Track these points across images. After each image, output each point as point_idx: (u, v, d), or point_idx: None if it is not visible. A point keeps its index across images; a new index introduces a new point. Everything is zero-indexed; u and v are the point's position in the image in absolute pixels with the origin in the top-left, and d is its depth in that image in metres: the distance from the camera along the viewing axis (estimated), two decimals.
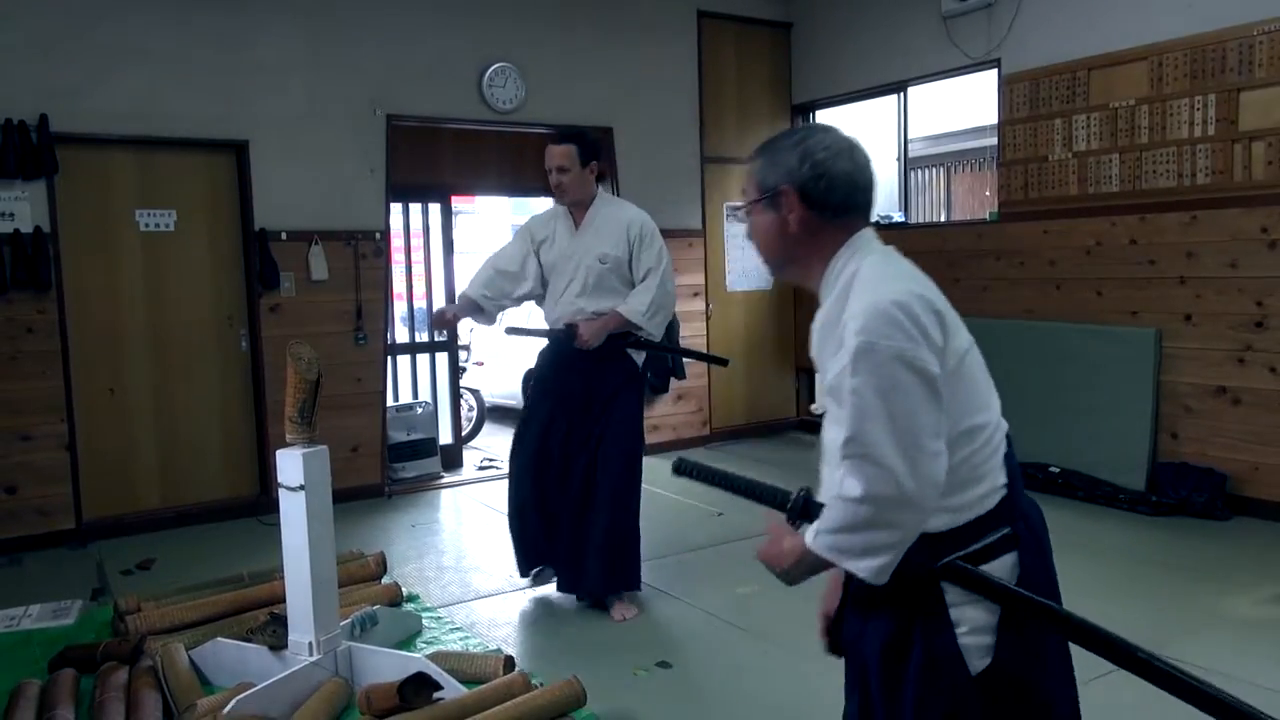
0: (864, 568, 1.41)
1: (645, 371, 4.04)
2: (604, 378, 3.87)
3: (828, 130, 1.60)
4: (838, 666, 3.40)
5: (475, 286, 4.00)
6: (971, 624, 1.44)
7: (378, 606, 3.48)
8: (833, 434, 1.53)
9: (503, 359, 9.14)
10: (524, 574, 4.14)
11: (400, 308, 6.82)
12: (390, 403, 6.18)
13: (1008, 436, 1.55)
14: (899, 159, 6.91)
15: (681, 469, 1.68)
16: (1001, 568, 1.45)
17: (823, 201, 1.54)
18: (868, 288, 1.46)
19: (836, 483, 1.43)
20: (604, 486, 3.83)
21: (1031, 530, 1.51)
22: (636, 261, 3.84)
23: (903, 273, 1.51)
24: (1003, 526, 1.47)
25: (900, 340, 1.37)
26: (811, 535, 1.46)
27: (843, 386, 1.42)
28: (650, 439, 6.75)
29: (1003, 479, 1.48)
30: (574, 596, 4.00)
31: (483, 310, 4.00)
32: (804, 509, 1.52)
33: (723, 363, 4.91)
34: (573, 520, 3.89)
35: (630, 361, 3.94)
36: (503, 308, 4.08)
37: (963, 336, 1.48)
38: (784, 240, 1.59)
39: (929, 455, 1.37)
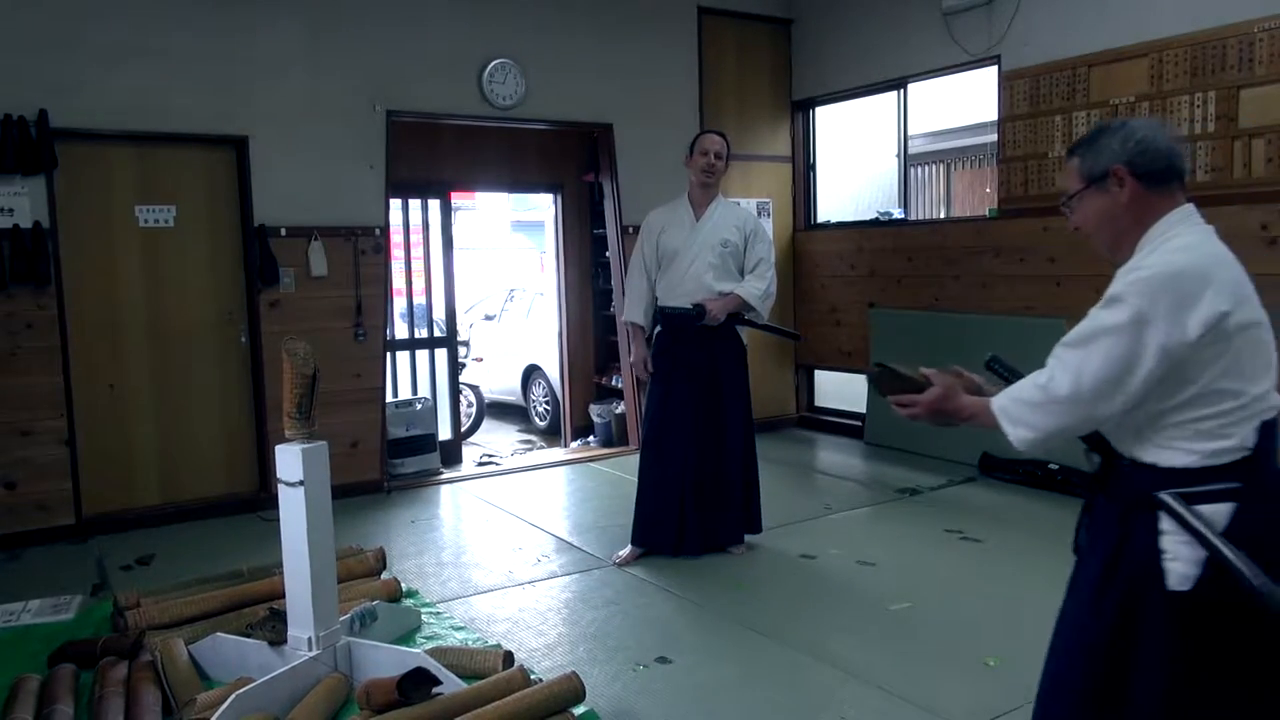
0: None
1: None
2: (723, 351, 4.44)
3: (1136, 118, 1.81)
4: (833, 662, 3.42)
5: (640, 313, 4.55)
6: (1175, 552, 1.63)
7: (377, 602, 3.49)
8: None
9: (502, 355, 9.15)
10: (640, 543, 4.46)
11: (400, 304, 6.83)
12: (390, 399, 6.19)
13: None
14: (899, 156, 6.91)
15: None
16: (1216, 513, 1.61)
17: (1149, 172, 1.75)
18: (1156, 254, 1.69)
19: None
20: (736, 447, 4.42)
21: (1268, 493, 1.65)
22: (750, 250, 4.45)
23: (1188, 247, 1.69)
24: (1232, 481, 1.63)
25: (1137, 299, 1.62)
26: None
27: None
28: None
29: (1250, 443, 1.64)
30: (583, 586, 4.01)
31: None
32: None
33: (795, 337, 5.31)
34: (709, 481, 4.37)
35: (739, 337, 4.51)
36: None
37: (1254, 310, 1.66)
38: (1114, 219, 1.78)
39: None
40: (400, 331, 6.85)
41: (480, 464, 6.81)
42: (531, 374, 8.67)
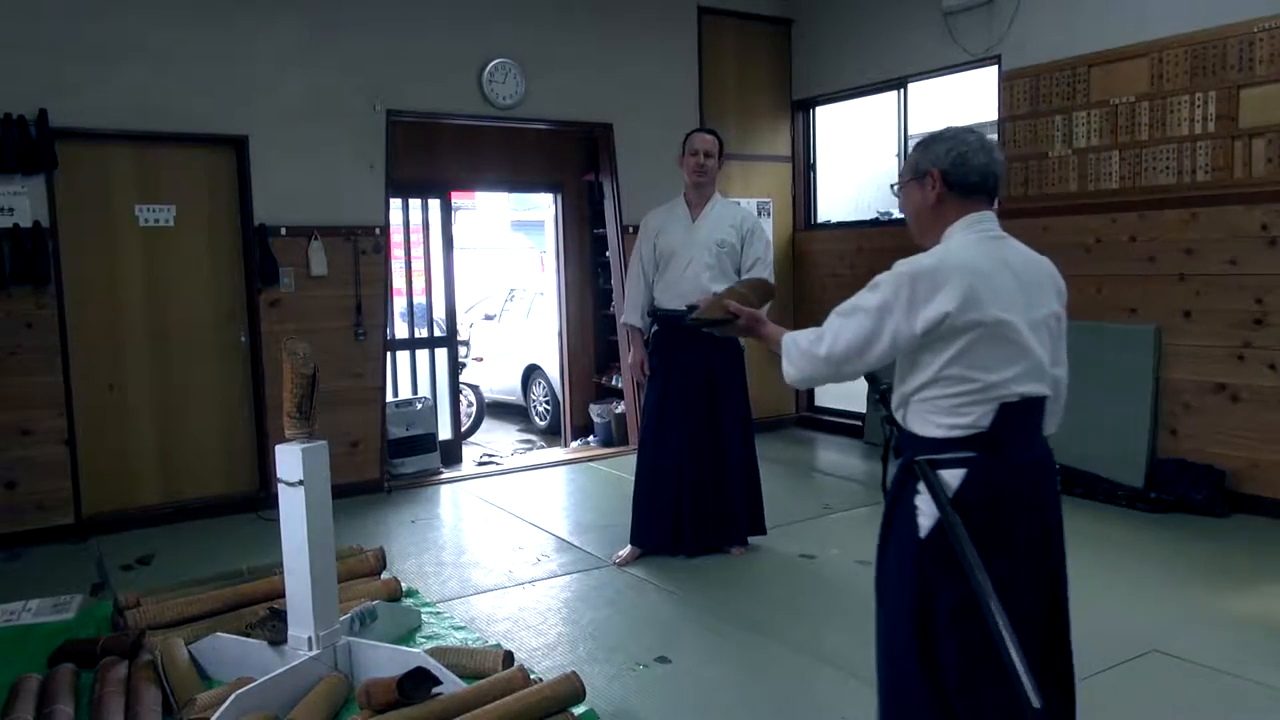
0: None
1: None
2: (719, 352, 4.39)
3: (972, 130, 2.06)
4: (833, 661, 3.42)
5: (638, 315, 4.55)
6: (924, 506, 1.96)
7: (377, 602, 3.49)
8: None
9: (502, 355, 9.15)
10: (639, 543, 4.46)
11: (400, 303, 6.83)
12: (390, 398, 6.18)
13: (1037, 406, 1.97)
14: (899, 155, 6.90)
15: None
16: (951, 476, 1.92)
17: (959, 183, 2.01)
18: (921, 255, 1.97)
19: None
20: (735, 448, 4.42)
21: (1000, 465, 1.92)
22: (747, 250, 4.41)
23: (947, 251, 1.97)
24: (968, 451, 1.92)
25: (886, 290, 1.94)
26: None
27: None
28: None
29: (986, 422, 1.91)
30: (583, 586, 4.01)
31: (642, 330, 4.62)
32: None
33: None
34: (707, 482, 4.38)
35: (736, 338, 4.34)
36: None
37: (986, 312, 1.89)
38: (922, 212, 2.08)
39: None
40: (400, 331, 6.85)
41: (480, 464, 6.81)
42: (531, 374, 8.68)
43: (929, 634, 1.96)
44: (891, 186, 2.21)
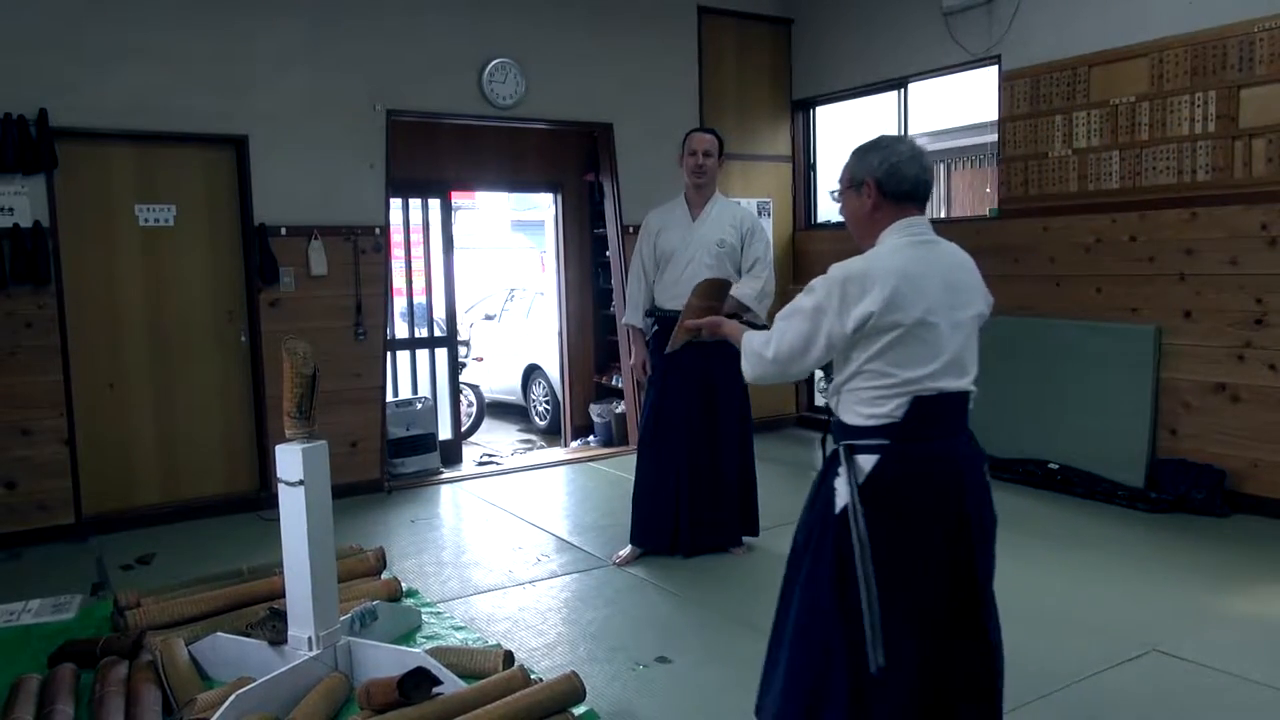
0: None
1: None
2: (718, 353, 4.28)
3: (903, 140, 2.24)
4: None
5: (639, 315, 4.58)
6: (839, 486, 2.13)
7: (377, 602, 3.49)
8: None
9: (502, 355, 9.15)
10: (639, 543, 4.47)
11: (400, 303, 6.83)
12: (390, 398, 6.18)
13: (955, 400, 2.13)
14: None
15: None
16: (866, 461, 2.11)
17: (892, 191, 2.16)
18: (853, 259, 2.13)
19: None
20: (732, 448, 4.42)
21: (911, 453, 2.09)
22: (747, 250, 4.41)
23: (877, 255, 2.13)
24: (882, 439, 2.10)
25: (820, 293, 2.10)
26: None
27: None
28: None
29: (900, 413, 2.08)
30: (583, 586, 4.02)
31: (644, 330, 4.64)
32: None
33: None
34: (704, 482, 4.38)
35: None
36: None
37: (908, 313, 2.04)
38: (860, 218, 2.23)
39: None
40: (400, 331, 6.85)
41: (480, 464, 6.81)
42: (531, 374, 8.68)
43: (851, 601, 2.08)
44: (831, 193, 2.34)
